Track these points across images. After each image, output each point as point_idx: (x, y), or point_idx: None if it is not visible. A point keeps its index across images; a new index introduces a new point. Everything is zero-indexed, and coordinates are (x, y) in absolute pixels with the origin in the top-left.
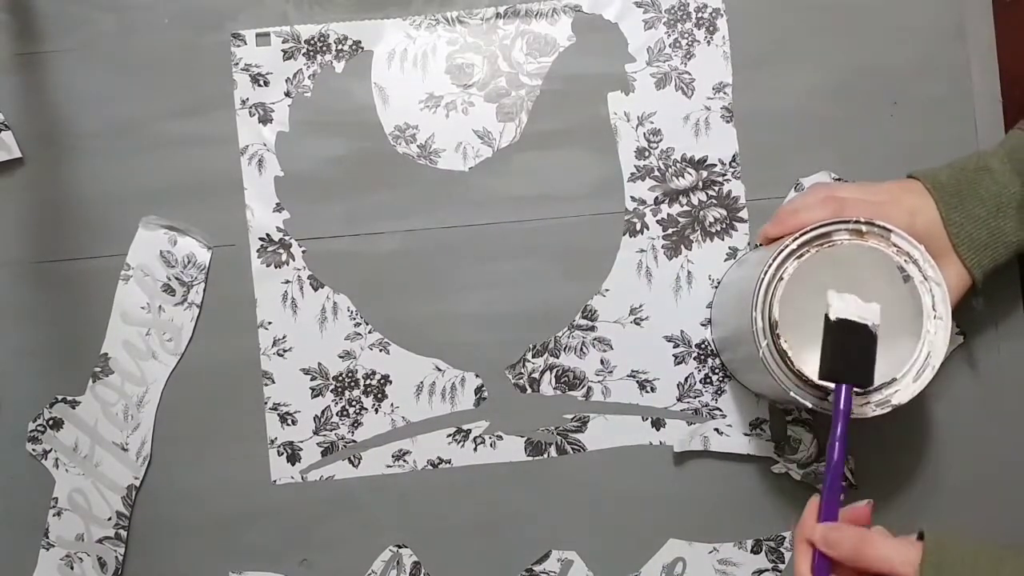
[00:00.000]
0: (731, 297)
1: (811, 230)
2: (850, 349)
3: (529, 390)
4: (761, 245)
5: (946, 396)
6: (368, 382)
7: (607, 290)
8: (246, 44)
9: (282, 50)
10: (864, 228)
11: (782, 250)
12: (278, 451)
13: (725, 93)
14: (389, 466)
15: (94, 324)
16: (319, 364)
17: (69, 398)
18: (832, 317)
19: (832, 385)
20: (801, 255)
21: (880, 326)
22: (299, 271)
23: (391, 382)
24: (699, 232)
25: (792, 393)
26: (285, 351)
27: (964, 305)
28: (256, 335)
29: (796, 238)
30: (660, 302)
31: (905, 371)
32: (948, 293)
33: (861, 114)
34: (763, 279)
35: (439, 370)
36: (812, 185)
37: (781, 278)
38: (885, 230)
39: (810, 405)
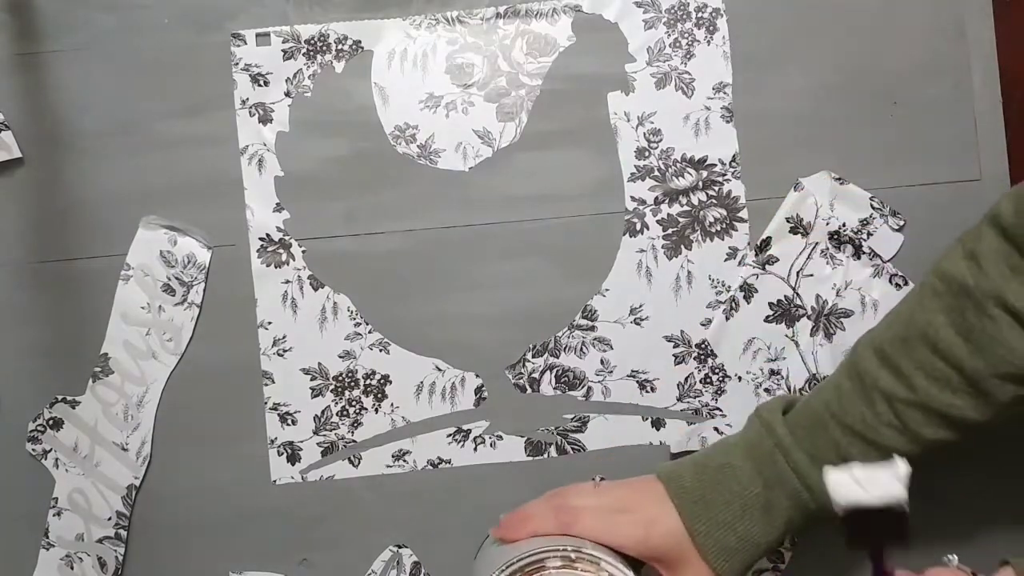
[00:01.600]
0: None
1: (522, 558)
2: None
3: (529, 390)
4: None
5: None
6: (368, 382)
7: (607, 290)
8: (246, 44)
9: (282, 50)
10: (574, 555)
11: None
12: (278, 451)
13: (725, 93)
14: (389, 466)
15: (94, 324)
16: (319, 364)
17: (69, 398)
18: (839, 512)
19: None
20: None
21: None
22: (299, 271)
23: (391, 382)
24: (699, 232)
25: None
26: (285, 351)
27: None
28: (256, 335)
29: (504, 568)
30: (660, 302)
31: None
32: None
33: (861, 114)
34: None
35: (439, 370)
36: (549, 493)
37: None
38: (595, 558)
39: None
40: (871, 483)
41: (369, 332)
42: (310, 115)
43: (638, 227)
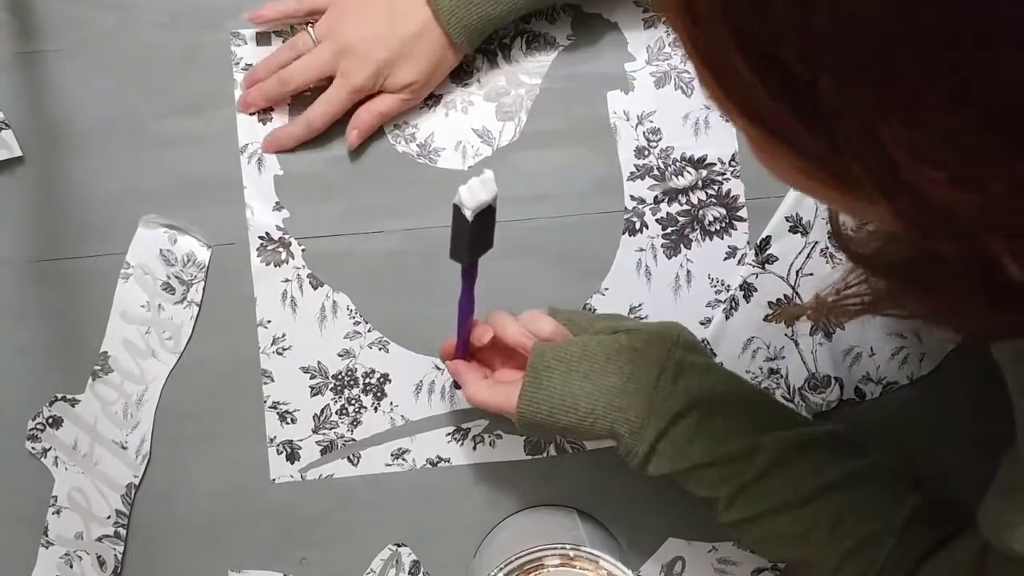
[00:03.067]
0: None
1: (520, 556)
2: (483, 229)
3: None
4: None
5: None
6: (367, 381)
7: (606, 289)
8: (246, 43)
9: None
10: (572, 554)
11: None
12: (277, 450)
13: None
14: (388, 465)
15: (94, 322)
16: (318, 363)
17: (69, 396)
18: (469, 217)
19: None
20: None
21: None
22: (298, 270)
23: (390, 381)
24: (698, 231)
25: None
26: (284, 350)
27: None
28: (256, 334)
29: (503, 566)
30: (659, 301)
31: None
32: None
33: None
34: None
35: (438, 369)
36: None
37: None
38: (594, 556)
39: None
40: (486, 184)
41: (368, 331)
42: None
43: (637, 226)
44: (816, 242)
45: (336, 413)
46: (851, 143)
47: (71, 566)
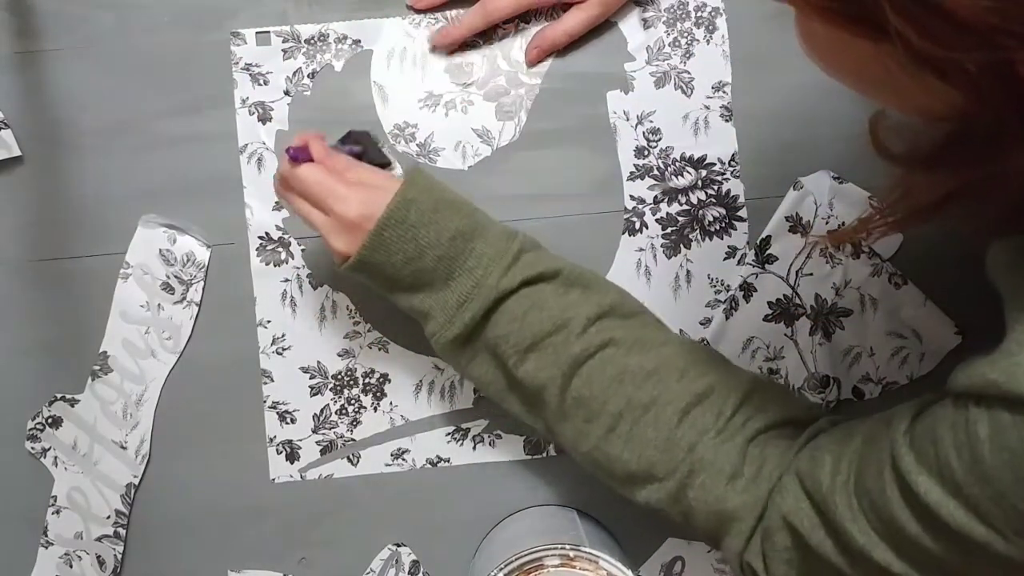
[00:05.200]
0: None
1: (520, 556)
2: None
3: None
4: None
5: None
6: (367, 380)
7: None
8: (246, 43)
9: (282, 49)
10: (572, 554)
11: None
12: (277, 449)
13: (724, 92)
14: (388, 464)
15: (93, 322)
16: (318, 363)
17: (68, 396)
18: None
19: None
20: None
21: None
22: (298, 269)
23: (390, 381)
24: (698, 231)
25: None
26: (284, 350)
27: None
28: (255, 333)
29: (503, 566)
30: (659, 301)
31: None
32: None
33: (861, 114)
34: None
35: (438, 368)
36: None
37: None
38: (594, 556)
39: None
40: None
41: (368, 331)
42: (309, 114)
43: (637, 226)
44: (816, 242)
45: (336, 413)
46: None
47: (71, 566)
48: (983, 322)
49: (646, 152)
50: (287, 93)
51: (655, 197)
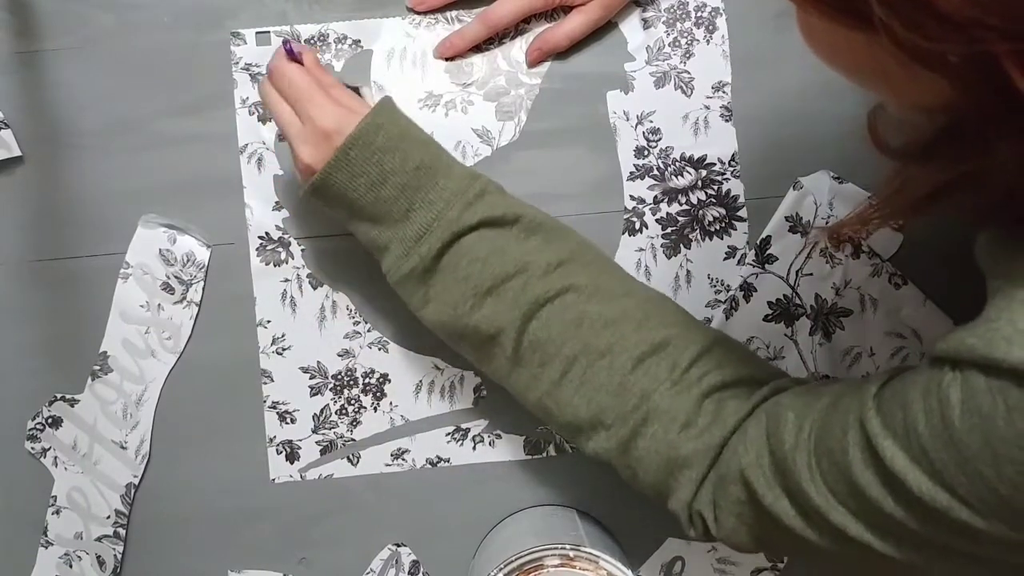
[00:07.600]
0: None
1: (520, 556)
2: None
3: None
4: None
5: None
6: (367, 380)
7: None
8: (246, 43)
9: None
10: (572, 554)
11: None
12: (277, 449)
13: (724, 92)
14: (388, 465)
15: (93, 322)
16: (318, 362)
17: (68, 396)
18: None
19: None
20: None
21: None
22: (298, 269)
23: (390, 381)
24: (698, 231)
25: None
26: (284, 349)
27: None
28: (255, 333)
29: (503, 566)
30: None
31: None
32: None
33: (861, 114)
34: None
35: (438, 368)
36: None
37: None
38: (594, 556)
39: None
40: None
41: (368, 331)
42: None
43: (637, 226)
44: (816, 242)
45: (336, 413)
46: None
47: (71, 566)
48: None
49: (646, 152)
50: None
51: (655, 197)
